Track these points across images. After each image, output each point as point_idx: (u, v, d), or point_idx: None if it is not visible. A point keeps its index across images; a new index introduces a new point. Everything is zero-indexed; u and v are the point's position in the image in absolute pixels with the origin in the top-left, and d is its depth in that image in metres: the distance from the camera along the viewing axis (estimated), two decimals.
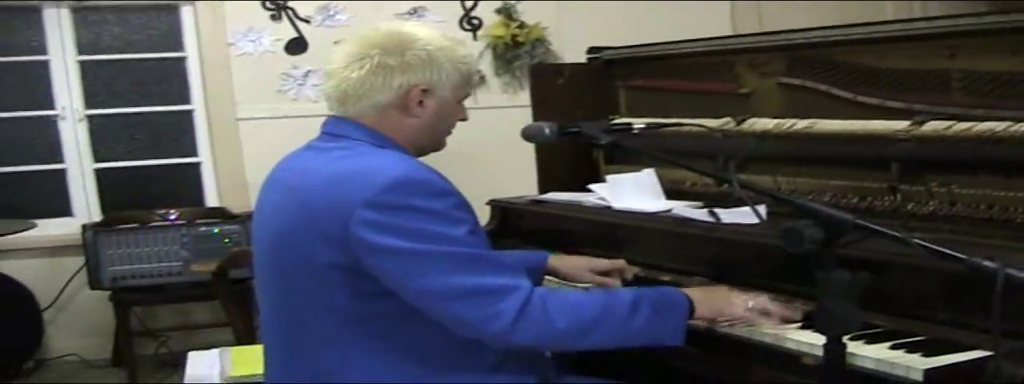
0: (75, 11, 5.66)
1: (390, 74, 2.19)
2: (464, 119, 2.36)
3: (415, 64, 2.20)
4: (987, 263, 1.65)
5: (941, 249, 1.75)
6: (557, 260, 2.81)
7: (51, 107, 5.68)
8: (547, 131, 2.49)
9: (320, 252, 2.07)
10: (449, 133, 2.37)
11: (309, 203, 2.11)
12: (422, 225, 2.03)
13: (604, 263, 2.79)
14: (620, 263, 2.78)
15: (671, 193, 3.23)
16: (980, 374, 1.86)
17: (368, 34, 2.27)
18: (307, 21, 5.83)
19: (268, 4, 5.79)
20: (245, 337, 3.68)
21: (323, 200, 2.08)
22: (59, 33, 5.63)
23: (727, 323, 2.30)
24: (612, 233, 3.04)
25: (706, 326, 2.30)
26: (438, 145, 2.36)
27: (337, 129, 2.26)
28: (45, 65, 5.66)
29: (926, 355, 1.96)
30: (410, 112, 2.23)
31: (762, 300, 2.30)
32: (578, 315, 2.08)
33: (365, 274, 2.06)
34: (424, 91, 2.22)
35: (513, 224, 3.50)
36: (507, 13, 6.06)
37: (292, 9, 5.80)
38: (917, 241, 1.78)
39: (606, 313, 2.11)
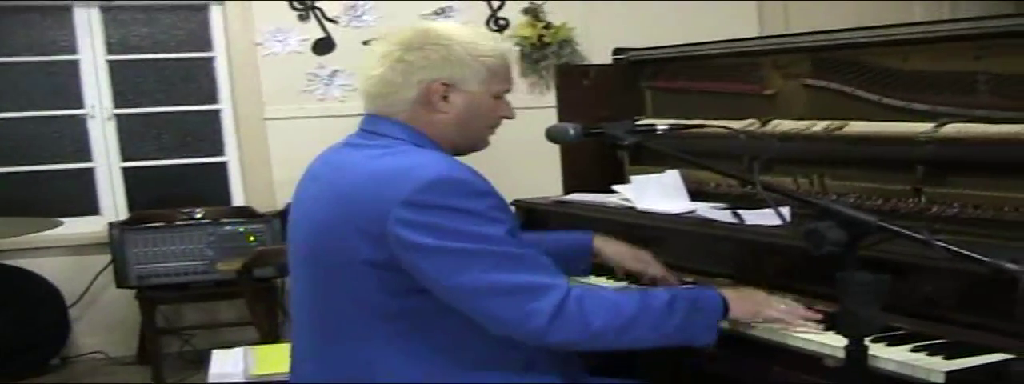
0: (105, 11, 5.69)
1: (410, 70, 2.20)
2: (508, 117, 2.34)
3: (434, 59, 2.20)
4: (1010, 265, 1.65)
5: (964, 251, 1.75)
6: (602, 242, 2.81)
7: (80, 106, 5.72)
8: (571, 132, 2.48)
9: (357, 247, 2.08)
10: (490, 131, 2.35)
11: (348, 198, 2.12)
12: (459, 225, 2.03)
13: (650, 260, 2.79)
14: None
15: (695, 194, 3.23)
16: (1002, 377, 1.86)
17: (396, 32, 2.28)
18: (334, 21, 5.85)
19: (296, 4, 5.80)
20: (269, 335, 3.70)
21: (361, 197, 2.09)
22: (89, 32, 5.67)
23: (755, 323, 2.30)
24: (636, 234, 3.03)
25: (729, 327, 2.29)
26: (476, 143, 2.35)
27: (374, 126, 2.27)
28: (75, 64, 5.70)
29: (948, 358, 1.96)
30: (435, 107, 2.23)
31: (792, 304, 2.29)
32: (615, 314, 2.08)
33: (399, 270, 2.06)
34: (446, 86, 2.22)
35: (538, 224, 3.50)
36: (534, 13, 6.07)
37: (320, 9, 5.82)
38: (940, 243, 1.77)
39: (643, 312, 2.11)
